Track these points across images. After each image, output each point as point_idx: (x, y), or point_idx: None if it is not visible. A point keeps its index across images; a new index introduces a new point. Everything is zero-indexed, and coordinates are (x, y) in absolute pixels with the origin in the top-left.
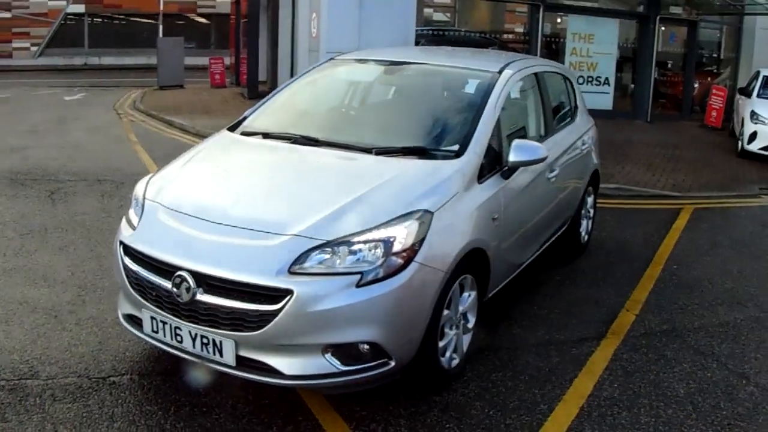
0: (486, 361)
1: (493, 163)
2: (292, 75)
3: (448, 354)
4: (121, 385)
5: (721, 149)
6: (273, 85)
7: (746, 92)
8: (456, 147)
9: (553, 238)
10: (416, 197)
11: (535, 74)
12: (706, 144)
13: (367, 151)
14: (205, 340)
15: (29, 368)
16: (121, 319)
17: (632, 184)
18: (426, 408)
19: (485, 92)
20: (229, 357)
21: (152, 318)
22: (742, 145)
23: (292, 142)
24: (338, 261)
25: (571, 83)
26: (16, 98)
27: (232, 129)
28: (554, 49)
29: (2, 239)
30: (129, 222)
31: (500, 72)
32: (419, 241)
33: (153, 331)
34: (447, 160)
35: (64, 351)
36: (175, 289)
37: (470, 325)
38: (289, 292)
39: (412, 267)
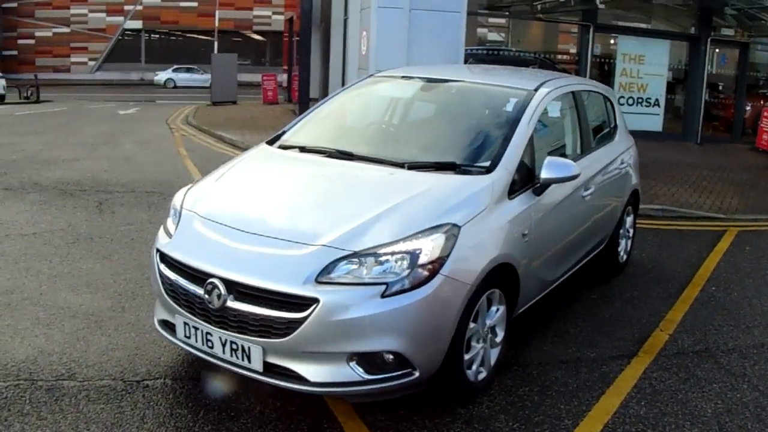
0: (514, 375)
1: (525, 180)
2: None
3: (474, 367)
4: (154, 389)
5: None
6: None
7: None
8: (487, 163)
9: (590, 257)
10: (445, 211)
11: (573, 93)
12: (756, 167)
13: (399, 165)
14: (234, 346)
15: (67, 370)
16: (156, 325)
17: (677, 205)
18: (450, 419)
19: (520, 109)
20: (256, 363)
21: (185, 324)
22: None
23: (327, 156)
24: (365, 271)
25: (611, 103)
26: (71, 112)
27: (270, 143)
28: (605, 69)
29: (49, 247)
30: (166, 230)
31: (536, 90)
32: (446, 255)
33: (185, 336)
34: (478, 175)
35: (101, 354)
36: (206, 296)
37: (498, 339)
38: (316, 300)
39: (438, 279)
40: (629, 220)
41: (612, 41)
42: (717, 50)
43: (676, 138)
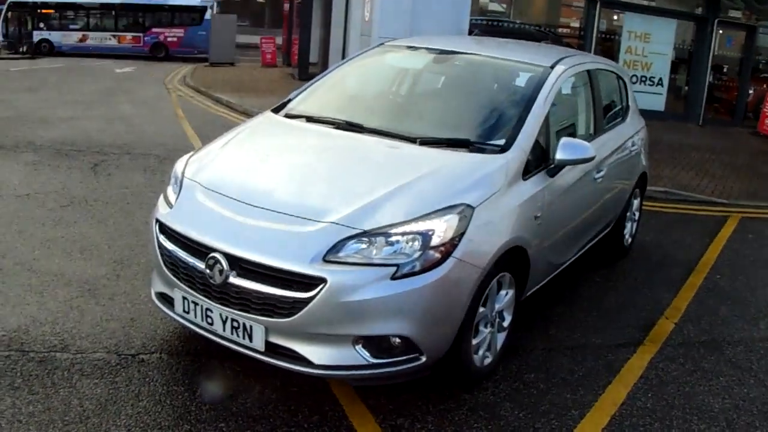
0: (519, 361)
1: (540, 160)
2: (343, 58)
3: (481, 352)
4: (150, 364)
5: None
6: (324, 67)
7: None
8: (502, 141)
9: (596, 239)
10: (458, 191)
11: (588, 71)
12: (758, 152)
13: (411, 140)
14: (235, 324)
15: (60, 341)
16: (153, 297)
17: (680, 188)
18: (455, 406)
19: (536, 87)
20: (258, 342)
21: (184, 298)
22: None
23: (336, 128)
24: (374, 252)
25: (624, 82)
26: (67, 69)
27: (276, 111)
28: (609, 46)
29: (43, 210)
30: (166, 200)
31: (552, 67)
32: (458, 236)
33: (184, 311)
34: (492, 154)
35: (95, 325)
36: (208, 271)
37: (506, 323)
38: (323, 280)
39: (450, 262)
40: (636, 203)
41: (615, 18)
42: (723, 32)
43: (678, 118)
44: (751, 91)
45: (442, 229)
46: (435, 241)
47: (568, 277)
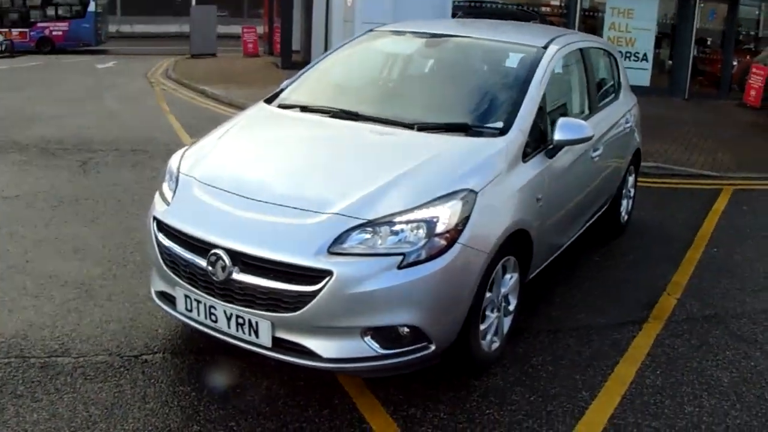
0: (526, 344)
1: (538, 142)
2: (326, 44)
3: (488, 337)
4: (154, 364)
5: (760, 129)
6: (306, 54)
7: None
8: (500, 124)
9: (594, 218)
10: (460, 176)
11: (580, 50)
12: (745, 124)
13: (408, 126)
14: (240, 321)
15: (60, 345)
16: (154, 297)
17: (671, 162)
18: (465, 393)
19: (530, 68)
20: (265, 338)
21: (186, 296)
22: None
23: (332, 116)
24: (379, 241)
25: (615, 60)
26: (48, 66)
27: (269, 101)
28: (592, 23)
29: (33, 210)
30: (162, 196)
31: (545, 47)
32: (463, 222)
33: (187, 309)
34: (491, 138)
35: (95, 327)
36: (210, 268)
37: (511, 307)
38: (329, 273)
39: (455, 249)
40: (631, 179)
41: None
42: (705, 5)
43: (663, 93)
44: (735, 63)
45: (446, 215)
46: (440, 228)
47: (567, 257)
